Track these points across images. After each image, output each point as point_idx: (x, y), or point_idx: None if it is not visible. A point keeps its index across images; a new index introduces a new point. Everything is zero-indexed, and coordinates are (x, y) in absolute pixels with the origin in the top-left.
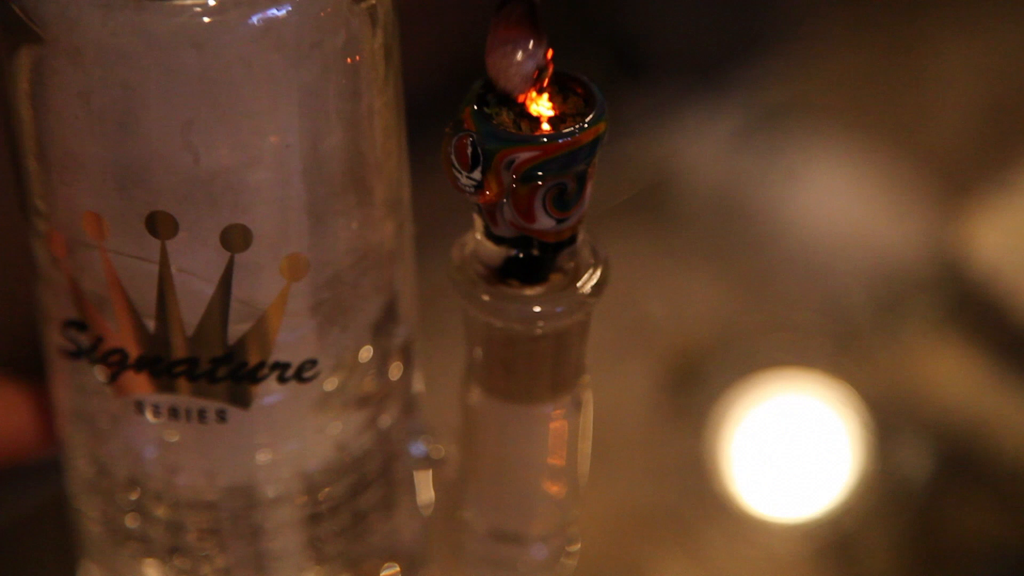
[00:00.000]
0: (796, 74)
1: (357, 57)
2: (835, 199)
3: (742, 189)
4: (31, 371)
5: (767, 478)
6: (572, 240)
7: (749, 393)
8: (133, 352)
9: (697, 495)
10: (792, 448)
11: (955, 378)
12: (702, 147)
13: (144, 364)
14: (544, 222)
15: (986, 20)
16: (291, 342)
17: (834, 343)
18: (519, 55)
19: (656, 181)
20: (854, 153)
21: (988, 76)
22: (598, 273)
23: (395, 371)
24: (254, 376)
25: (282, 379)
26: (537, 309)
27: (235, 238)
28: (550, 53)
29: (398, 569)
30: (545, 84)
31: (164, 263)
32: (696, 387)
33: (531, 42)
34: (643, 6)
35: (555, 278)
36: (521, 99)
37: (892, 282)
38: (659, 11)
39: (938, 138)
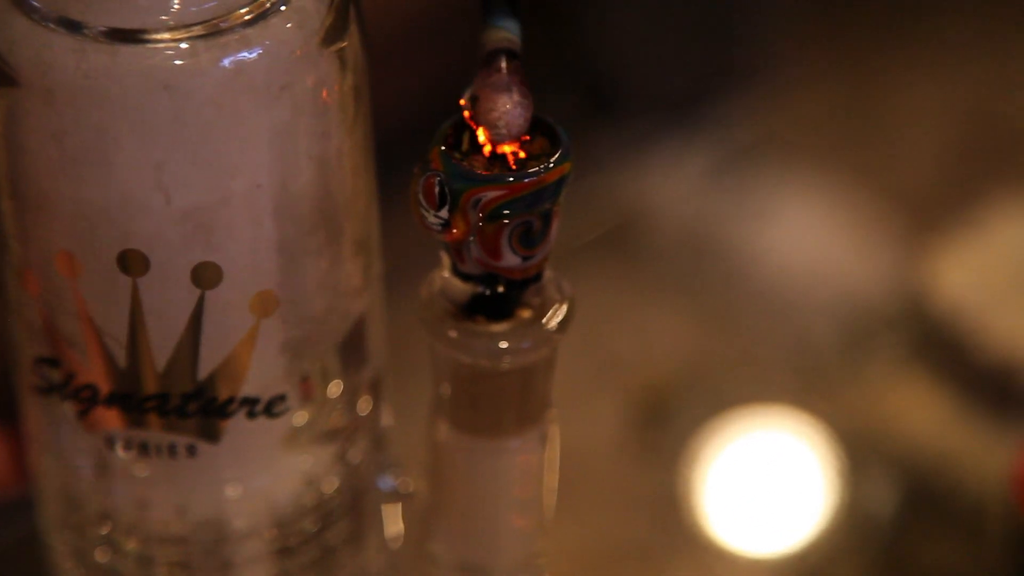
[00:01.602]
0: (766, 112)
1: (327, 99)
2: (803, 236)
3: (711, 226)
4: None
5: (735, 513)
6: (538, 277)
7: (717, 428)
8: (104, 388)
9: (665, 529)
10: (759, 483)
11: (920, 413)
12: (672, 184)
13: (115, 400)
14: (510, 260)
15: (953, 59)
16: (260, 378)
17: (801, 379)
18: (511, 104)
19: (626, 217)
20: (822, 190)
21: (955, 115)
22: (564, 309)
23: (364, 406)
24: (224, 411)
25: (251, 414)
26: (503, 345)
27: (206, 276)
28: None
29: None
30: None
31: (135, 301)
32: (664, 422)
33: (522, 93)
34: (615, 44)
35: (521, 314)
36: (499, 147)
37: (859, 318)
38: (631, 49)
39: (905, 176)
